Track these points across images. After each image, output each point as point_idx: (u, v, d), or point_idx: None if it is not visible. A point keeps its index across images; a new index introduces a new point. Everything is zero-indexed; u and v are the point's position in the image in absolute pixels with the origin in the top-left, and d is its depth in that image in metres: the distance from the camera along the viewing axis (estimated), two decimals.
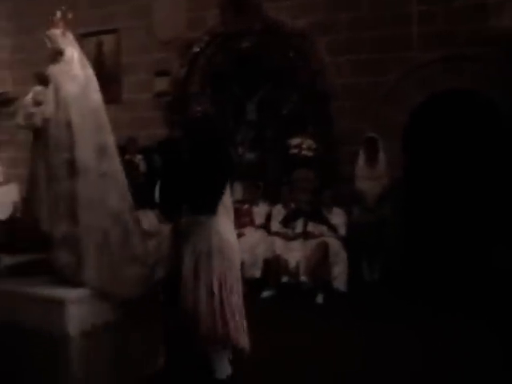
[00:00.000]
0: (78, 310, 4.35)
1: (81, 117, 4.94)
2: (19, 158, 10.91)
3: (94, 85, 5.17)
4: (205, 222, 4.88)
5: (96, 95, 5.15)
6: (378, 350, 5.75)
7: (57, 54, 5.13)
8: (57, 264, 4.65)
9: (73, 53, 5.14)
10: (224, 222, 5.00)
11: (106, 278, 4.68)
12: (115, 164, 5.09)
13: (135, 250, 4.98)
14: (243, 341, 4.94)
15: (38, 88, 5.07)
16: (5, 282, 4.76)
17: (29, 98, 5.07)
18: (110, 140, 5.09)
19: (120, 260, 4.81)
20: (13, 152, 11.28)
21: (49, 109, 4.93)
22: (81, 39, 10.94)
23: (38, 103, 5.00)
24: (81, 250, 4.64)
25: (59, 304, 4.31)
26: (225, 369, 5.01)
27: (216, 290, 4.81)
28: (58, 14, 5.22)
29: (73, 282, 4.56)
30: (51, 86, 4.99)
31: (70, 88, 4.98)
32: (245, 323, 5.00)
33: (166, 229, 5.89)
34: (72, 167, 4.80)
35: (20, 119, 5.06)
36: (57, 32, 5.17)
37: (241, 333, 4.92)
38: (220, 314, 4.80)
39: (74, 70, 5.09)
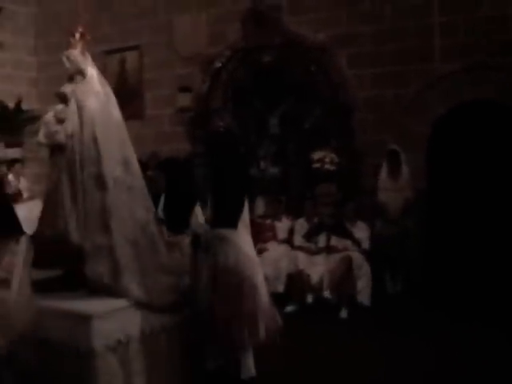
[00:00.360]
0: (103, 324, 4.36)
1: (105, 132, 5.09)
2: (43, 174, 11.00)
3: (113, 101, 5.34)
4: (226, 236, 4.88)
5: (116, 111, 5.33)
6: (402, 363, 5.70)
7: (76, 74, 5.27)
8: (92, 275, 4.72)
9: (92, 72, 5.30)
10: (244, 236, 5.01)
11: (143, 287, 4.76)
12: (138, 177, 5.24)
13: (162, 259, 5.09)
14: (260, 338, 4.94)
15: (60, 106, 5.15)
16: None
17: (50, 116, 5.14)
18: (132, 154, 5.25)
19: (151, 269, 4.92)
20: (37, 168, 11.38)
21: (72, 126, 5.04)
22: (104, 56, 11.21)
23: (60, 121, 5.07)
24: (116, 261, 4.75)
25: (85, 319, 4.32)
26: (248, 370, 4.98)
27: (232, 300, 4.82)
28: (77, 34, 5.33)
29: (110, 292, 4.64)
30: (73, 104, 5.10)
31: (93, 105, 5.12)
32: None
33: (185, 240, 5.94)
34: (100, 181, 4.95)
35: (41, 137, 5.12)
36: (76, 52, 5.29)
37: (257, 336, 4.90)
38: (235, 322, 4.79)
39: (95, 87, 5.25)
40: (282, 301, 7.81)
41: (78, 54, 5.29)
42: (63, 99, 5.17)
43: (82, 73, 5.26)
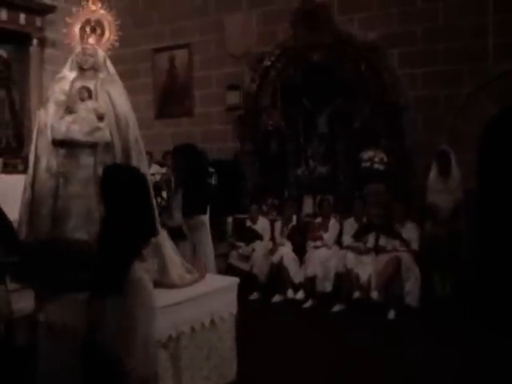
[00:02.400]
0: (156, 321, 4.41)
1: (134, 129, 5.12)
2: None
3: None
4: None
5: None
6: (443, 369, 5.62)
7: (99, 69, 5.28)
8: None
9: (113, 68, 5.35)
10: None
11: (184, 278, 4.97)
12: None
13: None
14: None
15: (92, 102, 5.13)
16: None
17: (83, 113, 5.11)
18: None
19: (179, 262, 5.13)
20: None
21: (112, 123, 5.08)
22: (153, 54, 11.33)
23: (100, 117, 5.09)
24: (163, 257, 4.88)
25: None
26: None
27: None
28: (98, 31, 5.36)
29: (161, 285, 4.69)
30: (105, 101, 5.11)
31: (123, 102, 5.17)
32: None
33: None
34: None
35: (82, 135, 5.03)
36: (95, 47, 5.30)
37: None
38: None
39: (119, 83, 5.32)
40: (330, 300, 7.87)
41: (97, 49, 5.31)
42: (87, 95, 5.16)
43: (102, 67, 5.29)
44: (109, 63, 5.36)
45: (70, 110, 5.09)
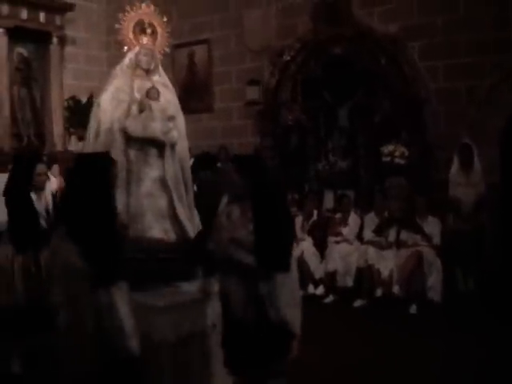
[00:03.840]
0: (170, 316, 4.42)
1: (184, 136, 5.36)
2: None
3: None
4: None
5: None
6: (464, 364, 5.55)
7: (154, 71, 5.37)
8: None
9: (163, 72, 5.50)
10: None
11: None
12: None
13: None
14: None
15: (163, 104, 5.22)
16: None
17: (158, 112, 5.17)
18: None
19: None
20: None
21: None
22: (172, 50, 11.29)
23: (171, 118, 5.19)
24: None
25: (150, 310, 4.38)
26: None
27: None
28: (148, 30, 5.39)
29: None
30: (169, 100, 5.27)
31: (175, 100, 5.33)
32: None
33: None
34: (184, 180, 5.25)
35: (159, 133, 5.10)
36: (154, 48, 5.37)
37: None
38: None
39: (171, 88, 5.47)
40: (351, 295, 7.83)
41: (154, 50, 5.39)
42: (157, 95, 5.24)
43: (156, 70, 5.39)
44: (160, 66, 5.46)
45: (141, 108, 5.13)
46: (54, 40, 10.54)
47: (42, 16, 10.29)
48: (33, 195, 4.86)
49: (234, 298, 4.05)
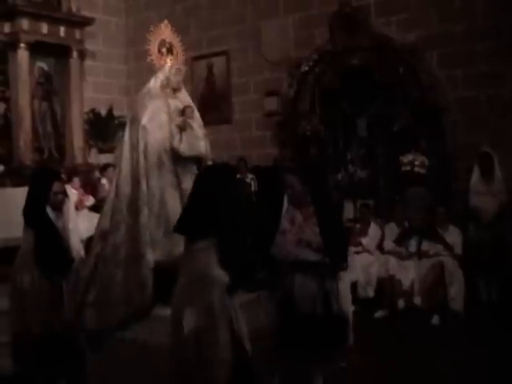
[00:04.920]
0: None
1: None
2: None
3: None
4: None
5: None
6: (491, 374, 5.49)
7: (180, 89, 5.64)
8: None
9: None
10: None
11: None
12: None
13: None
14: None
15: (199, 119, 5.62)
16: None
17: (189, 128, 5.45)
18: None
19: None
20: None
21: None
22: (191, 62, 11.39)
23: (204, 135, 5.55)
24: None
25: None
26: None
27: None
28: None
29: None
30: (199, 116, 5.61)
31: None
32: None
33: None
34: None
35: (185, 148, 5.39)
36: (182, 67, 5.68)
37: None
38: None
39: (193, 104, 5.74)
40: (372, 306, 7.78)
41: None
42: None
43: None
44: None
45: (182, 127, 5.37)
46: (74, 54, 10.63)
47: (62, 30, 10.39)
48: (51, 213, 4.83)
49: (300, 295, 4.42)
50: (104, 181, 10.05)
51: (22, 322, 4.54)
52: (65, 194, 4.89)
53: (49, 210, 4.79)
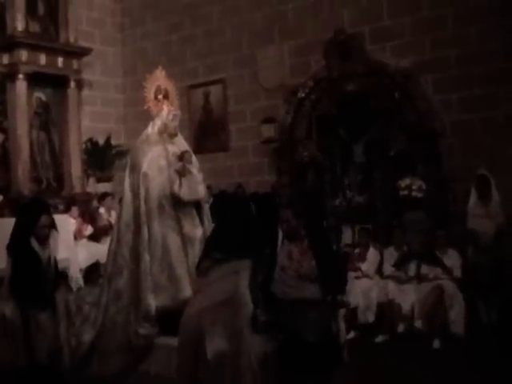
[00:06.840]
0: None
1: None
2: None
3: None
4: None
5: None
6: None
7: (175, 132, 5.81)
8: None
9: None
10: None
11: None
12: None
13: None
14: None
15: (195, 164, 5.79)
16: None
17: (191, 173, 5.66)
18: None
19: None
20: None
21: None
22: (188, 90, 11.46)
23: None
24: None
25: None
26: None
27: None
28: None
29: None
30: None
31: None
32: None
33: None
34: None
35: (185, 194, 5.53)
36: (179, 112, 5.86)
37: None
38: None
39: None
40: (372, 331, 7.74)
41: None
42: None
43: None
44: None
45: (181, 173, 5.53)
46: (72, 84, 10.72)
47: (59, 61, 10.49)
48: (36, 245, 4.80)
49: (304, 327, 4.46)
50: (102, 210, 10.07)
51: (6, 350, 4.54)
52: (52, 227, 4.90)
53: (34, 242, 4.79)
